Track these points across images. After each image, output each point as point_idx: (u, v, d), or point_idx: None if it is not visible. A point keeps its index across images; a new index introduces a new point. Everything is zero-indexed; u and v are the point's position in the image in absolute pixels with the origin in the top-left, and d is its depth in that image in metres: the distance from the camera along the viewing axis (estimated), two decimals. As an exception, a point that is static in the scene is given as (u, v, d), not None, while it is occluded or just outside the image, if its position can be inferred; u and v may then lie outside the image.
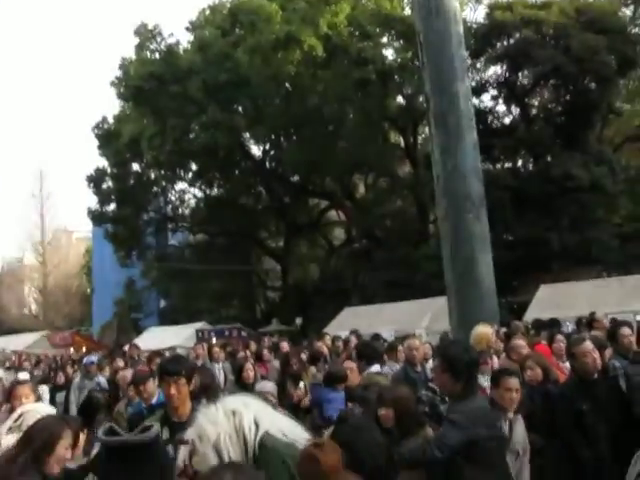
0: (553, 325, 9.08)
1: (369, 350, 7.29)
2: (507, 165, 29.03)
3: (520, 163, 29.75)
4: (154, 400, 5.38)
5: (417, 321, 17.46)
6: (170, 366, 3.80)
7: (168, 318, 38.56)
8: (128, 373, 7.34)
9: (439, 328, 14.81)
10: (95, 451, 4.48)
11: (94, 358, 11.93)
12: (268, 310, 37.57)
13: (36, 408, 4.57)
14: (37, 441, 3.22)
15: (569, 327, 9.65)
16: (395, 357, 8.06)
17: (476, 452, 3.43)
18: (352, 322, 16.93)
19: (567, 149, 25.42)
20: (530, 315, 14.64)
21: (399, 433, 3.82)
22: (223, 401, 2.85)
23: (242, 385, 6.55)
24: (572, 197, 24.02)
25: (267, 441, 2.65)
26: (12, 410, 4.88)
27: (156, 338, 22.65)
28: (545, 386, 4.47)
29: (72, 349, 27.28)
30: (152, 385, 5.53)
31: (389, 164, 31.56)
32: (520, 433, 4.18)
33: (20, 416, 4.34)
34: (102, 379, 9.65)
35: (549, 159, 26.71)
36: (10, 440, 4.13)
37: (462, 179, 12.00)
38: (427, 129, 32.18)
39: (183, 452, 3.20)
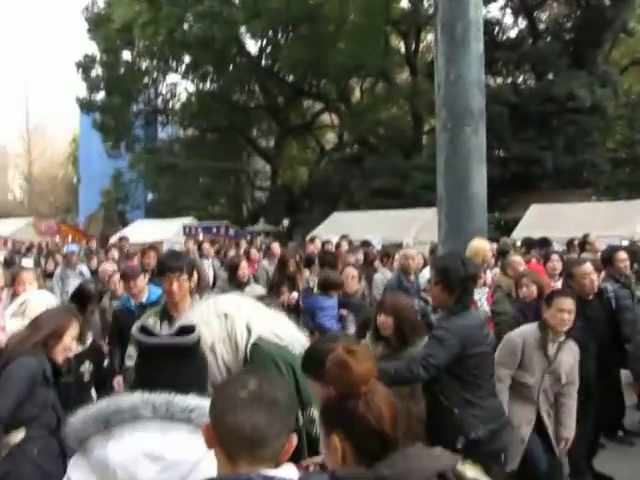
0: (544, 244, 9.13)
1: (330, 258, 7.28)
2: (508, 80, 28.40)
3: (522, 79, 29.11)
4: (144, 299, 5.21)
5: (405, 231, 17.51)
6: (172, 262, 3.76)
7: (155, 212, 38.55)
8: (110, 266, 7.22)
9: (426, 239, 14.89)
10: (89, 340, 4.53)
11: (75, 247, 11.89)
12: (255, 210, 37.58)
13: (40, 295, 4.69)
14: (46, 329, 3.32)
15: (558, 247, 9.69)
16: (390, 265, 8.12)
17: (461, 370, 3.45)
18: (340, 227, 16.92)
19: (573, 68, 24.86)
20: (519, 234, 14.70)
21: (397, 342, 3.82)
22: (216, 301, 2.82)
23: (236, 284, 6.54)
24: (571, 118, 23.73)
25: (259, 345, 2.68)
26: (15, 295, 4.96)
27: (143, 231, 22.56)
28: (539, 303, 4.50)
29: (58, 237, 27.29)
30: (143, 281, 5.38)
31: (388, 70, 30.71)
32: (566, 360, 4.14)
33: (24, 302, 4.42)
34: (84, 268, 9.64)
35: (552, 77, 26.13)
36: (14, 324, 4.25)
37: (464, 90, 11.66)
38: (430, 36, 31.57)
39: None
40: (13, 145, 51.84)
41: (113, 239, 25.17)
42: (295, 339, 2.83)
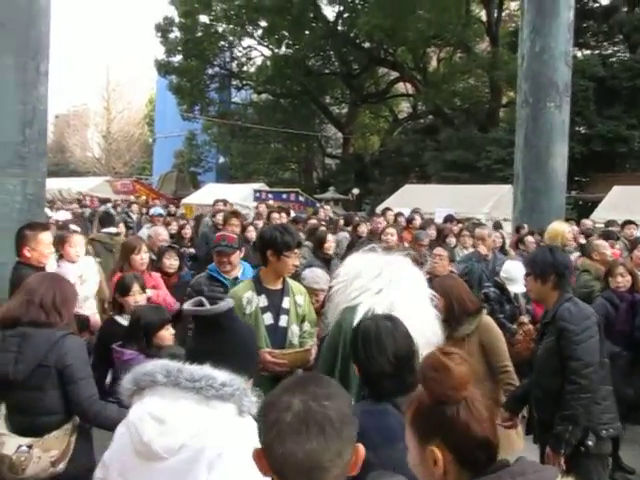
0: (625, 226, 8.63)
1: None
2: (596, 52, 26.95)
3: (611, 51, 27.55)
4: (239, 273, 4.70)
5: (478, 207, 17.04)
6: (293, 240, 3.78)
7: (226, 175, 39.09)
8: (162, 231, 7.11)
9: (499, 216, 14.46)
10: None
11: (161, 210, 12.17)
12: (325, 177, 37.50)
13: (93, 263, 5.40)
14: None
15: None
16: (464, 241, 7.87)
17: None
18: (411, 200, 16.61)
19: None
20: (599, 215, 14.05)
21: (452, 322, 3.79)
22: (381, 271, 2.97)
23: (322, 257, 6.42)
24: (663, 95, 22.40)
25: (352, 311, 2.87)
26: (61, 256, 5.19)
27: (214, 194, 22.79)
28: (632, 294, 4.23)
29: (132, 196, 28.02)
30: (238, 257, 4.80)
31: (467, 39, 29.73)
32: None
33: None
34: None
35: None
36: (81, 290, 4.66)
37: (550, 63, 11.17)
38: (514, 4, 30.36)
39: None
40: (93, 104, 53.23)
41: (187, 199, 25.74)
42: (425, 330, 2.79)
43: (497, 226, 10.19)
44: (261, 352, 3.55)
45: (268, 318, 3.74)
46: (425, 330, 2.76)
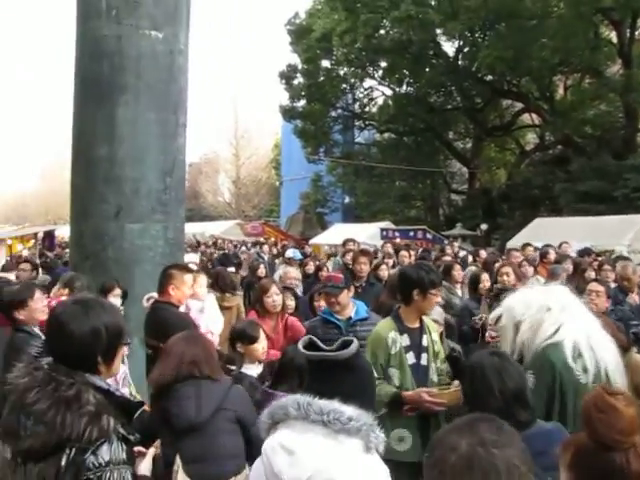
0: None
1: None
2: None
3: None
4: (351, 313, 4.64)
5: (617, 239, 16.11)
6: (438, 278, 3.91)
7: (351, 215, 39.55)
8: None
9: (643, 249, 13.61)
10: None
11: (298, 253, 12.53)
12: (452, 214, 36.96)
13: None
14: None
15: None
16: (606, 276, 7.45)
17: None
18: (543, 234, 16.01)
19: None
20: None
21: None
22: (550, 290, 3.14)
23: (476, 296, 6.31)
24: None
25: (548, 348, 2.89)
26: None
27: (341, 234, 23.15)
28: None
29: (262, 238, 28.99)
30: (347, 297, 4.69)
31: (597, 63, 28.52)
32: None
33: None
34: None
35: None
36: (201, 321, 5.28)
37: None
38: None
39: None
40: (223, 151, 55.95)
41: (315, 240, 26.26)
42: (604, 356, 2.85)
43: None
44: (418, 392, 3.61)
45: (411, 357, 3.78)
46: (617, 357, 2.84)
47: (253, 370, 3.93)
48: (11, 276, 8.23)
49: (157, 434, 3.03)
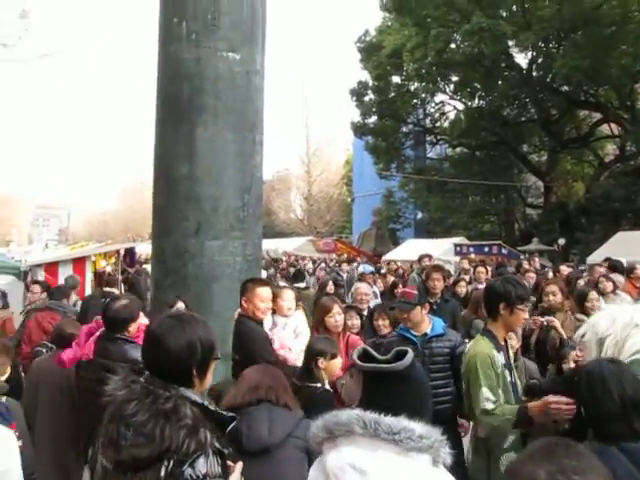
0: None
1: None
2: None
3: None
4: (427, 329, 4.63)
5: None
6: (526, 292, 3.76)
7: (424, 230, 39.22)
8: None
9: None
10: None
11: (370, 268, 12.55)
12: (527, 228, 36.10)
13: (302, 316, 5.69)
14: None
15: None
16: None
17: None
18: (625, 248, 15.41)
19: None
20: None
21: None
22: (636, 311, 3.03)
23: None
24: None
25: (633, 364, 2.75)
26: (274, 311, 5.40)
27: (414, 250, 23.00)
28: None
29: (334, 254, 29.11)
30: (418, 313, 4.65)
31: (681, 69, 27.40)
32: None
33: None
34: (376, 289, 10.00)
35: None
36: (296, 344, 5.06)
37: None
38: None
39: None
40: (295, 168, 56.65)
41: (388, 256, 26.17)
42: None
43: None
44: (544, 400, 3.14)
45: (507, 375, 3.62)
46: None
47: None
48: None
49: None
